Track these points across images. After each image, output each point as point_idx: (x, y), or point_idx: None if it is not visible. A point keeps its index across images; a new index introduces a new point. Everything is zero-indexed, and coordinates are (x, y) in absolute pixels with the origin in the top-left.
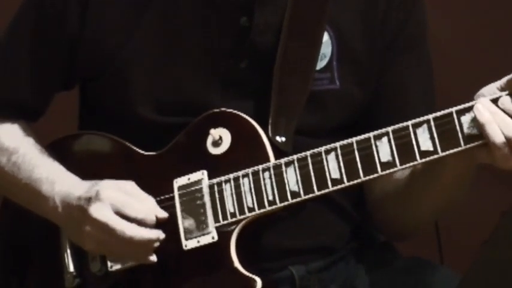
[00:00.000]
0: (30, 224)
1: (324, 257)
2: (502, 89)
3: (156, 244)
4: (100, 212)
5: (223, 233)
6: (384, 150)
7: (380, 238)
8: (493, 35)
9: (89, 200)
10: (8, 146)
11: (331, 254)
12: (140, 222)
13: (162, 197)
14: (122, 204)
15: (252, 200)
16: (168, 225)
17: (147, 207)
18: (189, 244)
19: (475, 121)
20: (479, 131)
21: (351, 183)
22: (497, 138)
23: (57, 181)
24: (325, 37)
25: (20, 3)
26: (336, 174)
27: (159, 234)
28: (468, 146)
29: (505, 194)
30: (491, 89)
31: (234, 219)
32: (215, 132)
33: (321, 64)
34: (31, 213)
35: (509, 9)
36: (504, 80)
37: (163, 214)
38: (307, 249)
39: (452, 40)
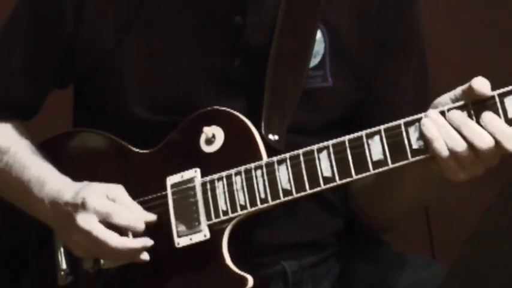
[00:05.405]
0: (23, 221)
1: (317, 252)
2: (456, 100)
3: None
4: (85, 221)
5: (216, 231)
6: (375, 148)
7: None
8: (493, 35)
9: (75, 207)
10: (0, 145)
11: (324, 249)
12: (128, 230)
13: (155, 195)
14: (109, 213)
15: (244, 198)
16: (160, 223)
17: (135, 214)
18: (181, 242)
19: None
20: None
21: (343, 181)
22: (443, 153)
23: (47, 182)
24: (318, 34)
25: (15, 3)
26: (328, 173)
27: (146, 242)
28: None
29: (498, 189)
30: (446, 99)
31: (226, 217)
32: (208, 130)
33: (313, 62)
34: (24, 211)
35: (509, 9)
36: (459, 90)
37: (152, 218)
38: (299, 245)
39: (451, 40)
